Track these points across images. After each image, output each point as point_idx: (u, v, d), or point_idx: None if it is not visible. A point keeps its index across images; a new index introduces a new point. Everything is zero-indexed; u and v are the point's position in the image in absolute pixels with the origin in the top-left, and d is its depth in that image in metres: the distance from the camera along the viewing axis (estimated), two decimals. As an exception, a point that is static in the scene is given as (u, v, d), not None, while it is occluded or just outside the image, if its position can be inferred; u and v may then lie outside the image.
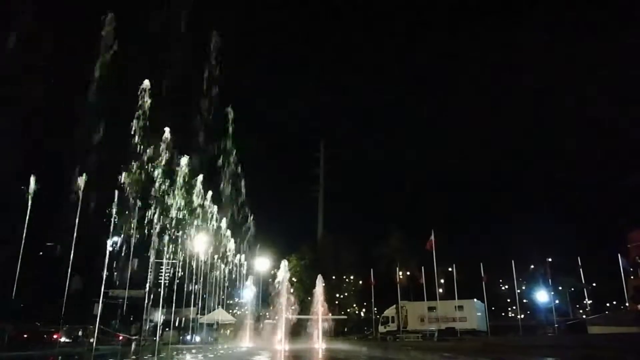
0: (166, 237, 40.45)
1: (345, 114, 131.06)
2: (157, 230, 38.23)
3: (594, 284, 58.72)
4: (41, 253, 50.58)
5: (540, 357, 17.81)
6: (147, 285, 41.08)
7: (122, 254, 40.26)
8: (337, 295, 66.26)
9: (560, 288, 57.21)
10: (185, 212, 41.07)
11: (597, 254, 54.42)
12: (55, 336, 34.56)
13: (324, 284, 45.08)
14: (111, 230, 31.32)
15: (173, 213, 38.94)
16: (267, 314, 54.73)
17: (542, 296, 54.68)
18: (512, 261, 50.27)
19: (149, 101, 29.89)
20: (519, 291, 58.99)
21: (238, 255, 58.68)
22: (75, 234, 26.79)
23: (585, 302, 57.85)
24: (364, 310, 74.30)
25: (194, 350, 32.71)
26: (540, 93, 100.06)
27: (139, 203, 34.20)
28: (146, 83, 29.41)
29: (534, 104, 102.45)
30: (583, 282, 49.17)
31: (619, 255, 43.19)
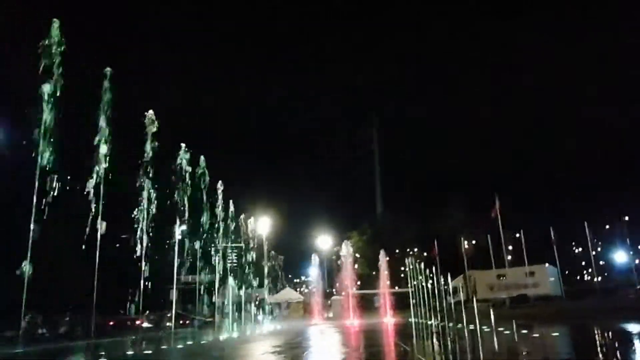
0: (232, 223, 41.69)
1: (399, 88, 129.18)
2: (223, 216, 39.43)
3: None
4: (117, 245, 53.72)
5: (622, 320, 16.94)
6: (218, 269, 42.54)
7: (192, 241, 42.00)
8: (402, 268, 66.06)
9: (639, 247, 54.13)
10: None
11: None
12: (138, 322, 36.68)
13: (387, 258, 45.06)
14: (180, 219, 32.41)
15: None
16: (333, 290, 55.59)
17: (620, 256, 51.96)
18: (585, 222, 47.98)
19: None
20: (594, 253, 56.21)
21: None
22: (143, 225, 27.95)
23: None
24: (430, 282, 73.58)
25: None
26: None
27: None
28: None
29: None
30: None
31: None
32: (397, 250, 62.66)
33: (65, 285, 36.45)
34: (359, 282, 58.48)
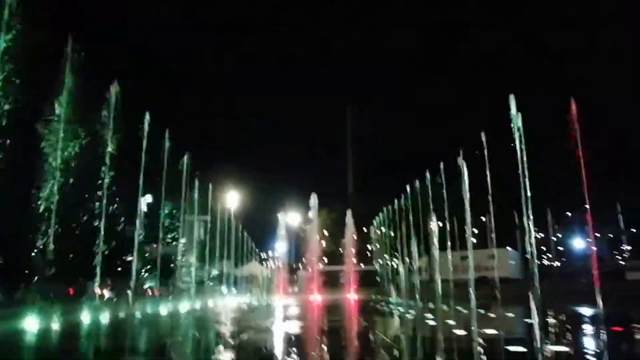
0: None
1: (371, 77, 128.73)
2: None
3: (634, 230, 57.15)
4: (82, 214, 52.44)
5: (573, 303, 17.49)
6: (181, 241, 42.13)
7: (156, 212, 41.33)
8: (368, 247, 66.85)
9: (598, 235, 55.97)
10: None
11: (636, 199, 52.55)
12: (98, 291, 36.05)
13: (354, 237, 45.35)
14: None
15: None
16: (300, 265, 55.84)
17: (578, 243, 53.73)
18: (548, 209, 49.22)
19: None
20: (554, 239, 57.95)
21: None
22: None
23: (622, 248, 56.55)
24: (395, 260, 74.89)
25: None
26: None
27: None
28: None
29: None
30: (622, 228, 47.93)
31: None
32: (364, 229, 63.27)
33: (23, 251, 35.48)
34: (325, 259, 58.95)
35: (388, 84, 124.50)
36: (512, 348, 9.44)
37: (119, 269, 39.96)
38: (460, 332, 12.45)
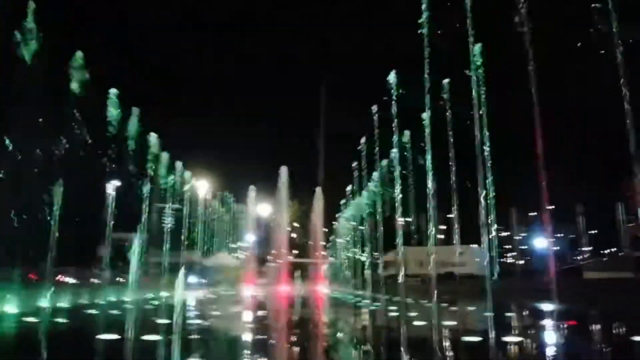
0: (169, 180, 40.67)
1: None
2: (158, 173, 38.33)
3: (594, 231, 59.23)
4: (44, 197, 51.19)
5: (533, 299, 18.14)
6: (149, 228, 41.60)
7: (125, 197, 40.67)
8: (338, 240, 67.24)
9: (560, 235, 57.84)
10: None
11: (597, 202, 54.43)
12: (60, 277, 35.42)
13: (325, 229, 45.65)
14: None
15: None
16: (269, 257, 55.79)
17: (540, 242, 55.36)
18: (512, 208, 50.62)
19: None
20: (518, 238, 59.64)
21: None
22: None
23: (583, 249, 58.58)
24: (364, 254, 75.61)
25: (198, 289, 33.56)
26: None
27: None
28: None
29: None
30: (582, 229, 49.61)
31: (618, 203, 43.32)
32: (333, 223, 63.63)
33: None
34: (295, 251, 59.09)
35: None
36: (467, 338, 9.79)
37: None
38: (420, 322, 12.84)
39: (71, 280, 35.40)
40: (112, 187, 40.24)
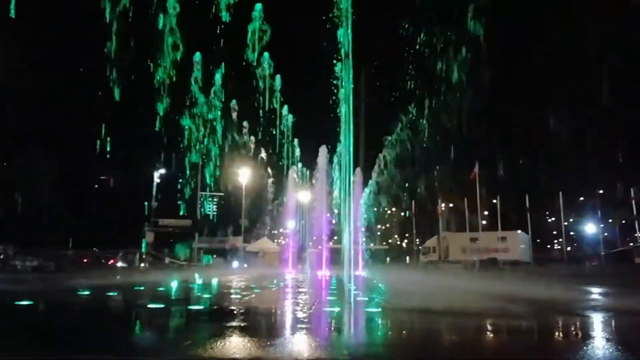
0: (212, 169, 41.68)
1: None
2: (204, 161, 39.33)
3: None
4: (96, 186, 53.61)
5: (579, 285, 17.59)
6: (193, 215, 42.87)
7: (171, 186, 41.98)
8: (379, 226, 67.16)
9: (610, 221, 55.50)
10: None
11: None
12: (112, 261, 37.11)
13: (365, 216, 45.67)
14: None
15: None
16: (310, 243, 56.36)
17: (590, 228, 53.37)
18: (560, 192, 48.97)
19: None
20: (566, 223, 57.57)
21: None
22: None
23: (636, 235, 55.96)
24: (405, 241, 75.25)
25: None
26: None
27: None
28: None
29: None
30: (635, 214, 47.44)
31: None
32: (374, 209, 63.48)
33: (39, 220, 36.55)
34: (336, 238, 59.41)
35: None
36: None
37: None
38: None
39: (120, 264, 37.06)
40: (158, 174, 41.68)
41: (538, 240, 59.97)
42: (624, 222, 53.58)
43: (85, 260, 37.09)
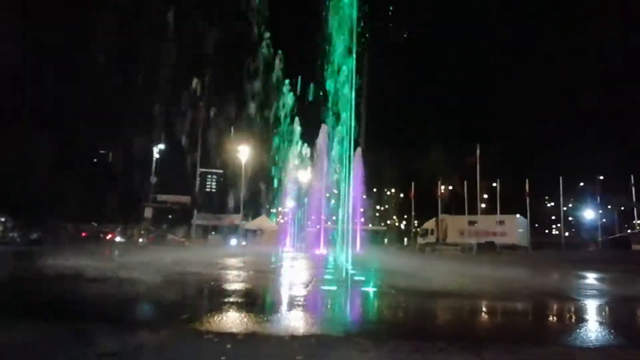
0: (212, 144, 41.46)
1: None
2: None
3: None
4: (95, 160, 53.47)
5: (574, 270, 17.62)
6: (195, 190, 42.83)
7: (171, 162, 41.84)
8: (377, 207, 67.29)
9: (609, 207, 55.58)
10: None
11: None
12: (110, 236, 37.24)
13: (364, 196, 45.66)
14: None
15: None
16: (309, 222, 56.53)
17: (588, 214, 53.44)
18: (560, 177, 48.95)
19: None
20: (564, 209, 57.67)
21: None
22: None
23: (634, 222, 56.11)
24: (404, 222, 75.52)
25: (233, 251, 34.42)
26: None
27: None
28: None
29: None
30: (634, 201, 47.41)
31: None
32: (374, 189, 63.52)
33: (38, 194, 36.51)
34: (334, 217, 59.52)
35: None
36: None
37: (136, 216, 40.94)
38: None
39: (118, 239, 37.20)
40: (157, 150, 41.53)
41: (536, 225, 60.28)
42: (622, 208, 53.70)
43: (83, 235, 37.23)
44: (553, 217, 72.00)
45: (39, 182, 36.17)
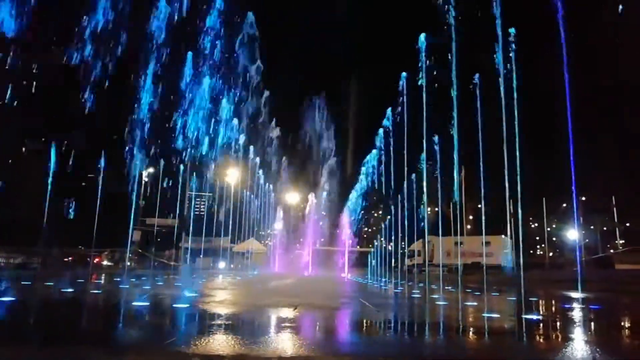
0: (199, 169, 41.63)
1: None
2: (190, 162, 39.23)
3: (627, 224, 57.63)
4: (83, 184, 53.20)
5: (556, 289, 18.14)
6: (181, 214, 42.81)
7: (158, 185, 41.89)
8: (365, 229, 67.59)
9: (592, 227, 56.54)
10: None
11: (633, 194, 52.81)
12: (97, 259, 37.02)
13: (352, 218, 46.04)
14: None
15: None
16: (297, 245, 56.61)
17: (571, 234, 54.32)
18: (543, 199, 49.84)
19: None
20: (549, 229, 58.58)
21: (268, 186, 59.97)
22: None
23: (617, 242, 57.10)
24: (391, 244, 75.55)
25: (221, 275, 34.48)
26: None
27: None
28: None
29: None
30: (616, 221, 48.45)
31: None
32: (361, 212, 63.87)
33: (24, 219, 36.29)
34: (322, 240, 59.72)
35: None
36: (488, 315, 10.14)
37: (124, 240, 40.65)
38: (443, 302, 13.18)
39: (106, 263, 37.00)
40: (146, 174, 41.63)
41: (521, 246, 60.74)
42: (605, 229, 54.70)
43: (70, 259, 36.99)
44: (537, 238, 72.89)
45: (25, 206, 36.01)
